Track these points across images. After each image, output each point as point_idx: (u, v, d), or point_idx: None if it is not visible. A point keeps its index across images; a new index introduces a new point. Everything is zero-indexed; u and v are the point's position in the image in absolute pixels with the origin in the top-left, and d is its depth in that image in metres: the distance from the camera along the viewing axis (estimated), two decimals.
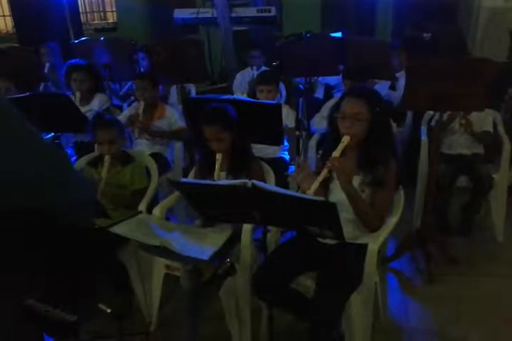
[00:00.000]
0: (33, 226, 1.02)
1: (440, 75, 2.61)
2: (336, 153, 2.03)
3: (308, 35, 3.24)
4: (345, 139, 2.06)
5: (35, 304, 1.05)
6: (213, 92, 5.49)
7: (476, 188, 3.24)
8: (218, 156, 2.37)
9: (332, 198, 2.18)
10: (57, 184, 1.00)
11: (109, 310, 1.50)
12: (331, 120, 2.18)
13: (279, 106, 2.69)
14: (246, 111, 2.52)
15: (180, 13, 5.52)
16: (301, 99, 2.90)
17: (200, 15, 5.34)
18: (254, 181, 1.55)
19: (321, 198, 1.73)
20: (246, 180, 1.58)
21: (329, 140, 2.21)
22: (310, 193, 1.88)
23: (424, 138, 3.37)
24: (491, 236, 3.33)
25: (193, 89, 4.63)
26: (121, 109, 4.17)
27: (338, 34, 4.44)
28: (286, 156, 3.49)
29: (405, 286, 2.84)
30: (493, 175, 3.22)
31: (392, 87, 4.18)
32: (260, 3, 6.20)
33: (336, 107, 2.16)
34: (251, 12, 5.42)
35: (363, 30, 6.15)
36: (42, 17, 6.24)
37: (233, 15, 5.28)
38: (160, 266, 2.35)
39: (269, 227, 1.97)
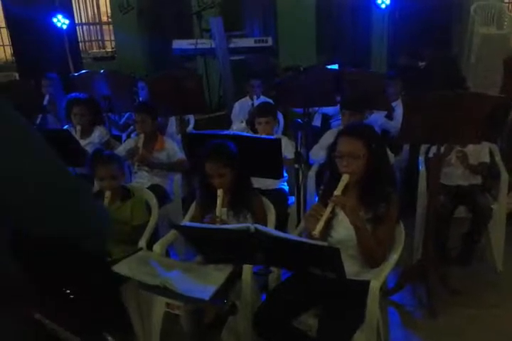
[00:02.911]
0: (52, 251, 1.05)
1: (437, 109, 2.65)
2: (337, 192, 2.04)
3: (304, 69, 3.28)
4: (345, 178, 2.07)
5: (42, 319, 1.06)
6: (212, 121, 5.53)
7: (475, 219, 3.25)
8: (219, 192, 2.37)
9: (334, 235, 2.19)
10: (80, 210, 1.04)
11: (112, 339, 1.49)
12: (329, 159, 2.20)
13: (278, 141, 2.71)
14: (246, 146, 2.54)
15: (179, 44, 5.62)
16: (299, 133, 2.92)
17: (198, 46, 5.42)
18: (258, 225, 1.55)
19: (325, 243, 1.73)
20: (249, 224, 1.59)
21: (329, 178, 2.22)
22: (316, 234, 1.89)
23: (422, 169, 3.39)
24: (491, 266, 3.32)
25: (192, 119, 4.67)
26: (120, 139, 4.20)
27: (335, 66, 4.52)
28: (286, 187, 3.50)
29: (407, 320, 2.82)
30: (492, 206, 3.23)
31: (389, 116, 4.22)
32: (257, 34, 6.32)
33: (333, 146, 2.18)
34: (248, 42, 5.52)
35: (358, 59, 6.25)
36: (41, 46, 6.34)
37: (231, 45, 5.37)
38: (160, 304, 2.33)
39: (271, 268, 1.97)
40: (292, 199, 3.35)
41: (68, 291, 1.14)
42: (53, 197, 0.98)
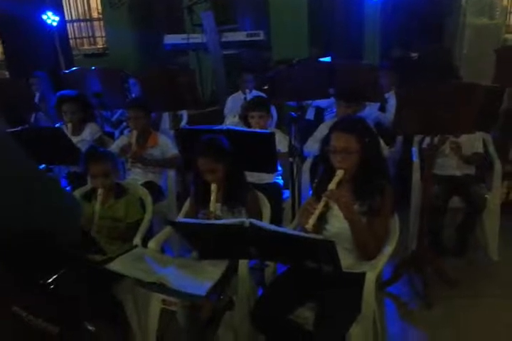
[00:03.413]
0: (27, 246, 1.07)
1: (430, 100, 2.65)
2: (331, 186, 2.04)
3: (297, 62, 3.28)
4: (340, 173, 2.07)
5: (19, 311, 1.07)
6: (205, 116, 5.52)
7: (470, 208, 3.26)
8: (213, 187, 2.36)
9: (329, 228, 2.19)
10: (49, 206, 1.08)
11: (92, 328, 1.49)
12: (323, 153, 2.20)
13: (272, 135, 2.71)
14: (239, 141, 2.53)
15: (171, 39, 5.58)
16: (293, 126, 2.91)
17: (190, 41, 5.40)
18: (252, 220, 1.55)
19: (320, 236, 1.74)
20: (244, 219, 1.58)
21: (323, 172, 2.22)
22: (309, 227, 1.89)
23: (415, 159, 3.40)
24: (486, 256, 3.34)
25: (185, 115, 4.65)
26: (112, 136, 4.18)
27: (327, 59, 4.50)
28: (280, 181, 3.50)
29: (403, 311, 2.83)
30: (486, 195, 3.24)
31: (382, 108, 4.22)
32: (249, 28, 6.29)
33: (326, 140, 2.18)
34: (240, 36, 5.50)
35: (350, 51, 6.23)
36: (31, 44, 6.30)
37: (223, 40, 5.35)
38: (156, 300, 2.33)
39: (267, 262, 1.97)
40: (287, 193, 3.35)
41: (47, 282, 1.16)
42: (29, 195, 1.00)
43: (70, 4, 8.85)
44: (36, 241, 1.06)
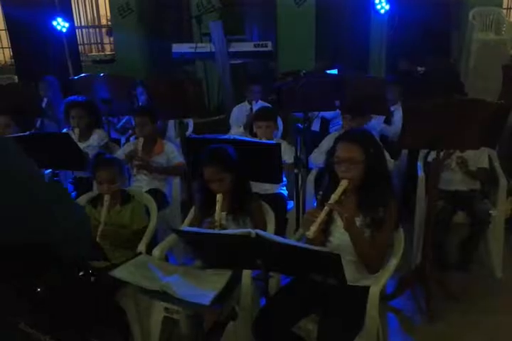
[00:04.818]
0: (31, 257, 1.06)
1: (436, 115, 2.66)
2: (334, 196, 2.04)
3: (305, 74, 3.30)
4: (344, 183, 2.07)
5: (26, 329, 1.06)
6: (210, 124, 5.54)
7: (474, 224, 3.24)
8: (218, 197, 2.37)
9: (333, 240, 2.19)
10: (58, 217, 1.08)
11: None
12: (328, 164, 2.21)
13: (278, 146, 2.72)
14: (246, 151, 2.54)
15: (179, 48, 5.62)
16: (299, 138, 2.92)
17: (198, 50, 5.43)
18: (259, 231, 1.55)
19: (326, 249, 1.73)
20: (250, 230, 1.58)
21: (328, 183, 2.23)
22: (310, 235, 1.89)
23: (420, 173, 3.39)
24: (490, 272, 3.32)
25: (190, 123, 4.67)
26: (119, 142, 4.20)
27: (334, 71, 4.53)
28: (285, 192, 3.50)
29: (406, 326, 2.81)
30: (490, 211, 3.24)
31: (388, 121, 4.23)
32: (257, 38, 6.33)
33: (332, 151, 2.19)
34: (248, 47, 5.52)
35: (356, 64, 6.27)
36: (41, 49, 6.36)
37: (231, 50, 5.37)
38: (159, 308, 2.32)
39: (271, 273, 1.97)
40: (291, 203, 3.35)
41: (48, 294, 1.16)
42: (40, 207, 1.01)
43: (79, 11, 8.93)
44: (43, 252, 1.06)
